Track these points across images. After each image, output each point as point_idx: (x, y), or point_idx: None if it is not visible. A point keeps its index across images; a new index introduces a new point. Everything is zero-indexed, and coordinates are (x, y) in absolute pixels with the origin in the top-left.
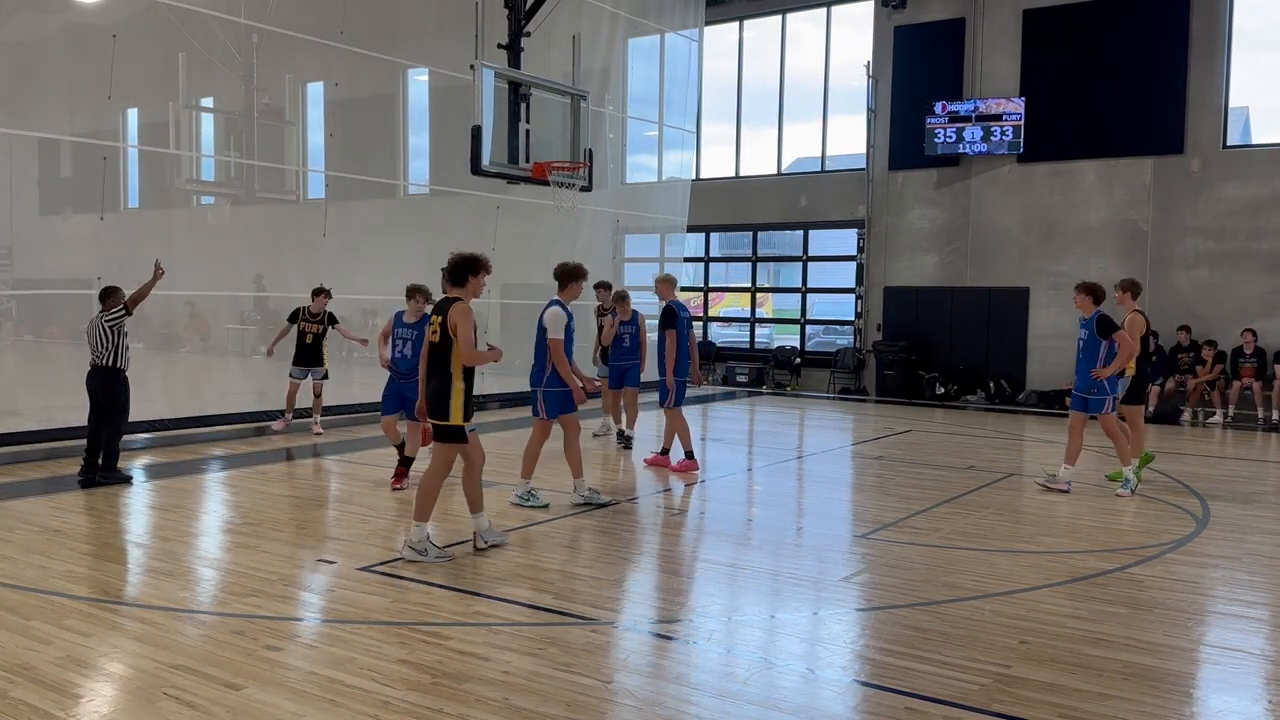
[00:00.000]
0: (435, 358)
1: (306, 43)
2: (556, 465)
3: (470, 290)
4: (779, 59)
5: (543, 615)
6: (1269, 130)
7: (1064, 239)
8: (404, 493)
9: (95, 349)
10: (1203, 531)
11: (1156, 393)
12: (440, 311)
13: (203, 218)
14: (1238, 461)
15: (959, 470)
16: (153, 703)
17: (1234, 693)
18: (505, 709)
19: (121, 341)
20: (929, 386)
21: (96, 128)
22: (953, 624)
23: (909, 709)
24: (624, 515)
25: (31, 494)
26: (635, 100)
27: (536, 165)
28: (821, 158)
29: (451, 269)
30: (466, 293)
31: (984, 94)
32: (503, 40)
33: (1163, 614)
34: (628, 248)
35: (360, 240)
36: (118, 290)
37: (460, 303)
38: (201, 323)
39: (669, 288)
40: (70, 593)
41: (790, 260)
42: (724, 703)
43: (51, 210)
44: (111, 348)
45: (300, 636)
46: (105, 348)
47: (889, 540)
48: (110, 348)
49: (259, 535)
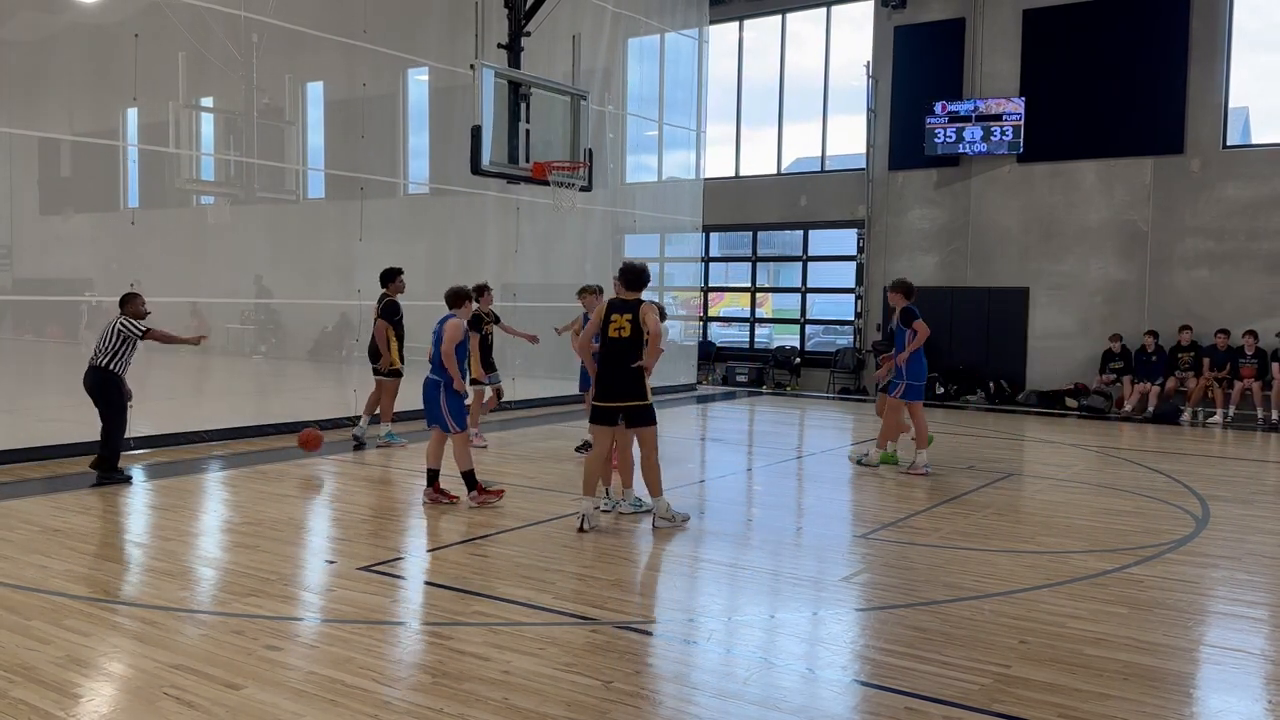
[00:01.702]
0: (625, 351)
1: (306, 43)
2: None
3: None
4: (779, 59)
5: (543, 615)
6: (1269, 130)
7: (1064, 239)
8: (391, 495)
9: (98, 347)
10: (1203, 531)
11: (1156, 392)
12: (625, 310)
13: (202, 217)
14: (1238, 461)
15: (959, 470)
16: (153, 702)
17: (1234, 693)
18: (505, 709)
19: (124, 350)
20: (929, 386)
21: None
22: (953, 624)
23: (909, 709)
24: (624, 516)
25: (31, 494)
26: (640, 100)
27: (536, 165)
28: (821, 158)
29: (635, 274)
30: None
31: (984, 94)
32: (503, 40)
33: (1163, 614)
34: (628, 248)
35: (369, 239)
36: (136, 298)
37: (648, 302)
38: (200, 322)
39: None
40: (70, 593)
41: (790, 260)
42: (724, 703)
43: (51, 210)
44: (111, 352)
45: (300, 636)
46: (106, 350)
47: (889, 540)
48: (110, 351)
49: (259, 535)
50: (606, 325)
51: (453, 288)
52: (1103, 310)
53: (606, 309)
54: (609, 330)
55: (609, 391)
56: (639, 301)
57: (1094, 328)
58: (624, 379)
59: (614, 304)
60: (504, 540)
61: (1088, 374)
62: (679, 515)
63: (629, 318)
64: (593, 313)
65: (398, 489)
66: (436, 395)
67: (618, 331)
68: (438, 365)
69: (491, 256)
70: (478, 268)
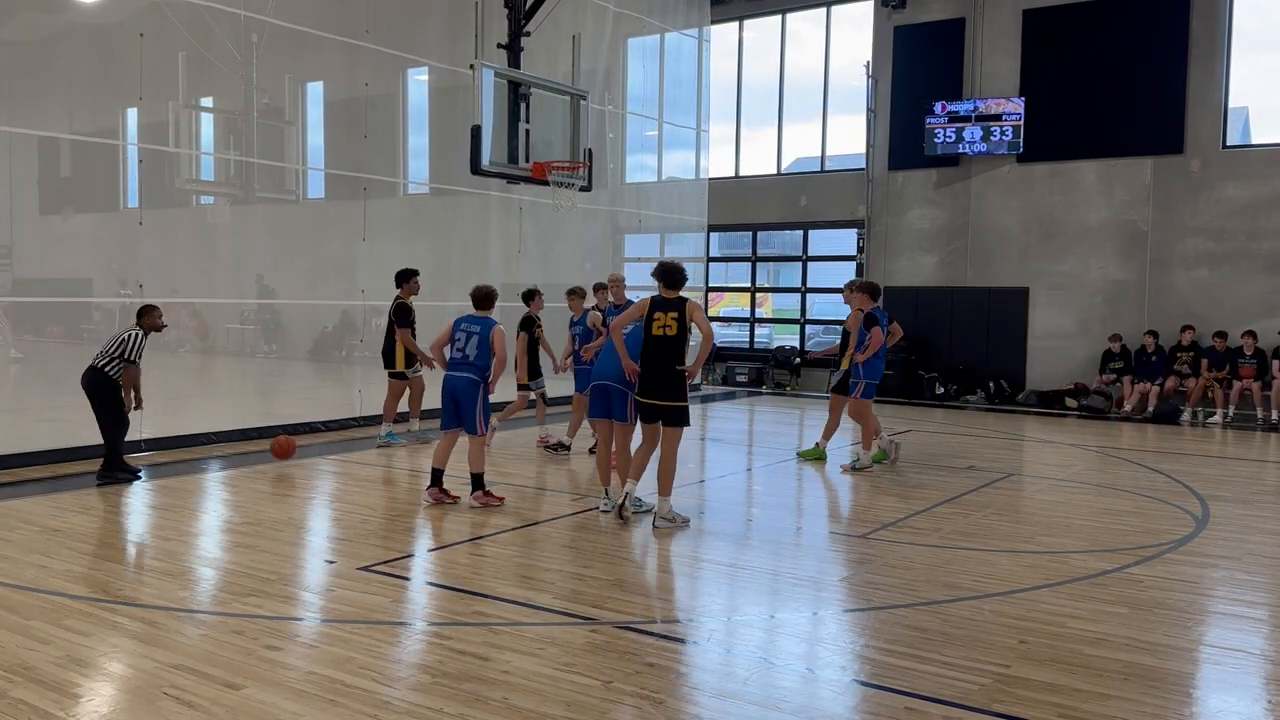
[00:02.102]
0: (671, 348)
1: (305, 42)
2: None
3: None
4: (779, 59)
5: (543, 615)
6: (1269, 130)
7: (1064, 239)
8: (397, 498)
9: (103, 350)
10: (1203, 531)
11: (1156, 392)
12: (670, 309)
13: (202, 217)
14: (1238, 461)
15: (959, 470)
16: (152, 702)
17: (1234, 693)
18: (505, 709)
19: (120, 362)
20: (929, 386)
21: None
22: (953, 624)
23: (909, 709)
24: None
25: (32, 494)
26: (641, 100)
27: (536, 165)
28: (821, 158)
29: (675, 273)
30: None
31: (984, 94)
32: (503, 40)
33: (1163, 614)
34: (628, 248)
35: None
36: (154, 311)
37: (693, 301)
38: (200, 322)
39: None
40: (70, 592)
41: (790, 260)
42: (724, 703)
43: (51, 210)
44: (109, 357)
45: (300, 636)
46: (107, 355)
47: (889, 540)
48: (109, 357)
49: (259, 535)
50: (650, 323)
51: (482, 288)
52: (1103, 310)
53: (650, 306)
54: (653, 328)
55: (652, 389)
56: (683, 300)
57: (1094, 328)
58: (668, 378)
59: (657, 302)
60: (504, 540)
61: (1088, 374)
62: (679, 517)
63: (674, 316)
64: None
65: (398, 489)
66: (474, 395)
67: (662, 329)
68: (480, 366)
69: (494, 256)
70: (479, 268)
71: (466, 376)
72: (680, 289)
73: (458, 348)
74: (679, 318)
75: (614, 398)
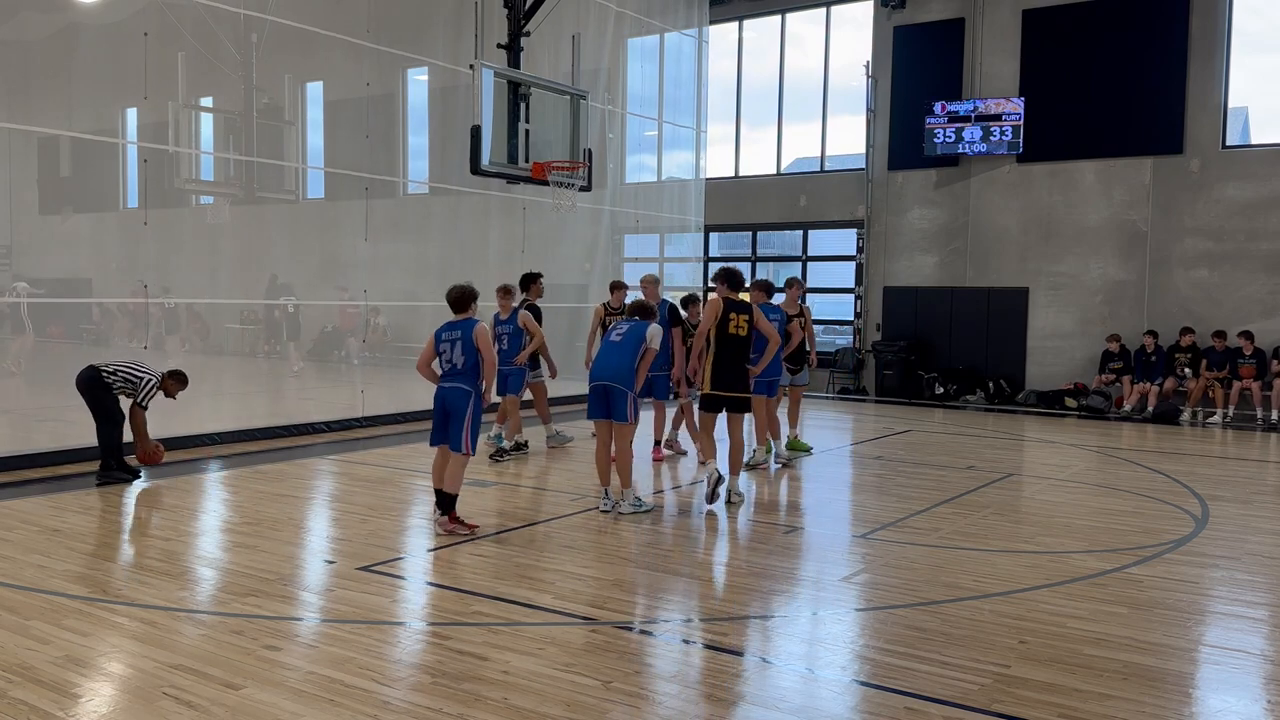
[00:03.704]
0: (743, 346)
1: (305, 42)
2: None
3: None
4: (779, 59)
5: (542, 615)
6: (1268, 130)
7: (1063, 239)
8: (395, 496)
9: (118, 363)
10: (1202, 531)
11: (1156, 393)
12: (742, 311)
13: (202, 216)
14: (1237, 461)
15: (959, 470)
16: (152, 702)
17: (1234, 693)
18: (505, 709)
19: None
20: (928, 386)
21: (97, 126)
22: (953, 624)
23: (909, 709)
24: (624, 516)
25: (31, 494)
26: (640, 100)
27: (536, 165)
28: (821, 158)
29: (739, 278)
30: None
31: (983, 94)
32: (502, 40)
33: (1163, 614)
34: (628, 248)
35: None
36: (182, 380)
37: (759, 308)
38: (201, 323)
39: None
40: (70, 592)
41: (790, 260)
42: (724, 703)
43: (51, 210)
44: (119, 377)
45: (300, 636)
46: (116, 373)
47: (889, 540)
48: (119, 377)
49: (259, 535)
50: (726, 324)
51: (457, 288)
52: (1102, 310)
53: (724, 308)
54: (729, 328)
55: (725, 382)
56: (749, 304)
57: (1093, 328)
58: (740, 373)
59: (730, 304)
60: (504, 540)
61: (1087, 374)
62: (738, 495)
63: (746, 318)
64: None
65: (398, 489)
66: (464, 408)
67: (736, 330)
68: (472, 374)
69: (495, 256)
70: (481, 268)
71: (458, 387)
72: (740, 291)
73: (445, 360)
74: (750, 320)
75: (615, 398)
